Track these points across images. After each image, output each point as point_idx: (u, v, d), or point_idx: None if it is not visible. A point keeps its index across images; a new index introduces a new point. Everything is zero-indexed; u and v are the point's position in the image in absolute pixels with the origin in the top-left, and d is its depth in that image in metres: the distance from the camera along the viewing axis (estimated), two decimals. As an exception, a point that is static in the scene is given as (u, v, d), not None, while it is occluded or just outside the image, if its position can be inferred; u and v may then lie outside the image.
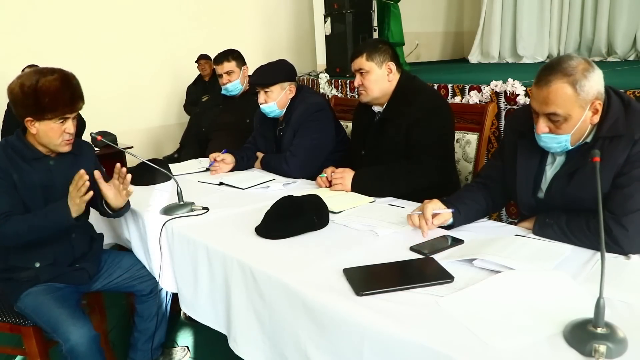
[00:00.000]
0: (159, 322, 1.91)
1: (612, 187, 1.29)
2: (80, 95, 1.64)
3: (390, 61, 1.97)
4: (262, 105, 2.27)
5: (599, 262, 1.05)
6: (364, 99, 2.01)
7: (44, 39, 4.31)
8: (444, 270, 1.18)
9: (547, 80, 1.27)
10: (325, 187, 1.97)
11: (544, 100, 1.28)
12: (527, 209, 1.50)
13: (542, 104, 1.29)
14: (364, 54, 1.96)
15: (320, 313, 1.11)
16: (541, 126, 1.32)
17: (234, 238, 1.51)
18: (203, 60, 4.94)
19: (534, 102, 1.33)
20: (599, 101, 1.28)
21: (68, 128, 1.61)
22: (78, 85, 1.64)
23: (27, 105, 1.56)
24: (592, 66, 1.28)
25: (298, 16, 6.00)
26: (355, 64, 1.99)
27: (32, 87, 1.54)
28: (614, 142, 1.29)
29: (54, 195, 1.63)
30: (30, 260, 1.66)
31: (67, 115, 1.61)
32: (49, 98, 1.55)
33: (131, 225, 1.90)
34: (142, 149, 4.53)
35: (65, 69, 1.64)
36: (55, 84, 1.56)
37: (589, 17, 5.15)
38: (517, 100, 2.77)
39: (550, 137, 1.33)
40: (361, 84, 1.98)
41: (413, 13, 5.74)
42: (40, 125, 1.59)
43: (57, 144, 1.63)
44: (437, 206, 1.46)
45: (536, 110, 1.33)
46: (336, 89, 4.26)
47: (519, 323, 0.94)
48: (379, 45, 2.00)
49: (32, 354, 1.69)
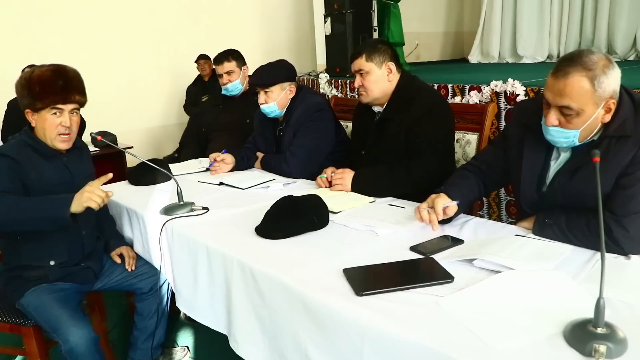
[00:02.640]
0: (158, 320, 1.91)
1: (615, 188, 1.28)
2: (75, 88, 1.63)
3: (390, 61, 1.97)
4: (262, 105, 2.27)
5: (599, 262, 1.05)
6: (365, 99, 2.01)
7: (44, 39, 4.30)
8: (444, 270, 1.18)
9: (565, 71, 1.23)
10: (325, 187, 1.97)
11: (560, 92, 1.24)
12: (528, 205, 1.48)
13: (557, 96, 1.25)
14: (364, 54, 1.96)
15: (320, 313, 1.11)
16: (551, 118, 1.28)
17: (234, 238, 1.51)
18: (202, 60, 4.94)
19: (548, 92, 1.28)
20: (613, 100, 1.26)
21: (64, 121, 1.61)
22: (75, 79, 1.64)
23: (23, 96, 1.61)
24: (613, 64, 1.25)
25: (298, 16, 6.01)
26: (355, 65, 1.99)
27: (27, 77, 1.60)
28: (620, 142, 1.27)
29: (74, 189, 1.62)
30: (45, 259, 1.66)
31: (59, 105, 1.60)
32: (39, 86, 1.58)
33: (132, 224, 1.90)
34: (142, 149, 4.53)
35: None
36: (47, 74, 1.60)
37: (589, 17, 5.15)
38: (517, 100, 2.77)
39: (559, 131, 1.30)
40: (361, 85, 1.98)
41: (413, 13, 5.74)
42: (38, 117, 1.62)
43: (53, 138, 1.63)
44: (445, 200, 1.46)
45: (549, 101, 1.28)
46: (336, 89, 4.26)
47: (519, 323, 0.94)
48: (379, 45, 1.99)
49: (32, 354, 1.69)
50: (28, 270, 1.66)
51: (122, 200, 1.97)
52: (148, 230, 1.77)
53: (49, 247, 1.67)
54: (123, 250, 1.88)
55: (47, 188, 1.61)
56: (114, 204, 2.00)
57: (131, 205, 1.90)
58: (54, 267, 1.67)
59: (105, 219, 1.94)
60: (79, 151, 1.79)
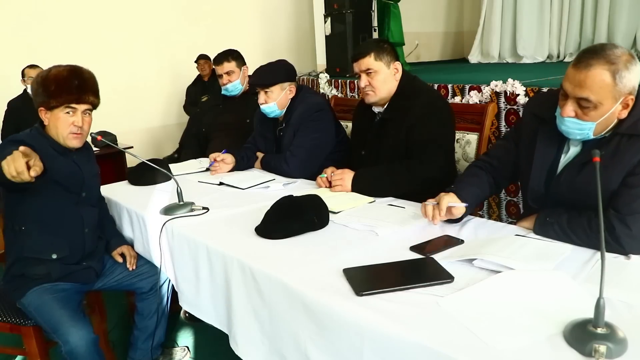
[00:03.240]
0: (159, 320, 1.91)
1: (621, 186, 1.28)
2: (90, 89, 1.67)
3: (397, 61, 1.96)
4: (262, 105, 2.26)
5: (599, 262, 1.05)
6: (371, 99, 1.98)
7: (44, 39, 4.31)
8: (444, 270, 1.18)
9: (587, 63, 1.22)
10: (325, 188, 1.97)
11: (580, 83, 1.24)
12: (534, 198, 1.48)
13: (576, 87, 1.25)
14: (372, 53, 1.93)
15: (320, 313, 1.11)
16: (568, 109, 1.28)
17: (234, 238, 1.51)
18: (202, 61, 4.94)
19: (568, 83, 1.27)
20: (632, 97, 1.26)
21: (77, 121, 1.64)
22: (90, 80, 1.68)
23: (38, 94, 1.63)
24: (635, 59, 1.25)
25: (298, 16, 6.00)
26: (361, 64, 1.95)
27: (44, 75, 1.63)
28: (631, 140, 1.27)
29: (83, 185, 1.72)
30: (47, 252, 1.67)
31: (73, 104, 1.63)
32: (55, 85, 1.60)
33: (132, 224, 1.91)
34: (142, 149, 4.53)
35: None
36: (63, 73, 1.63)
37: (589, 17, 5.14)
38: (517, 100, 2.78)
39: (575, 122, 1.29)
40: (368, 84, 1.95)
41: (413, 13, 5.73)
42: (51, 115, 1.64)
43: (65, 136, 1.65)
44: (453, 200, 1.46)
45: (568, 91, 1.28)
46: (336, 89, 4.26)
47: (519, 323, 0.94)
48: (384, 45, 1.98)
49: (32, 354, 1.69)
50: (30, 266, 1.66)
51: (122, 200, 1.97)
52: (148, 230, 1.77)
53: (50, 240, 1.68)
54: (124, 249, 1.89)
55: (57, 178, 1.63)
56: (114, 204, 2.00)
57: (131, 205, 1.90)
58: (55, 263, 1.67)
59: (105, 218, 1.94)
60: (87, 151, 1.83)
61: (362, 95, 2.04)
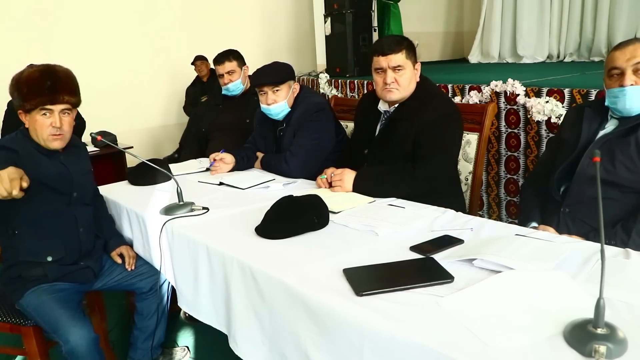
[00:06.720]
0: (158, 320, 1.91)
1: None
2: (64, 88, 1.60)
3: (418, 62, 1.94)
4: (271, 105, 2.22)
5: (599, 262, 1.04)
6: (394, 97, 1.91)
7: (44, 39, 4.30)
8: (444, 270, 1.18)
9: (628, 42, 1.49)
10: (325, 188, 1.96)
11: (631, 53, 1.47)
12: (559, 178, 1.64)
13: (630, 58, 1.47)
14: (404, 50, 1.88)
15: (320, 313, 1.11)
16: (628, 79, 1.47)
17: (234, 238, 1.51)
18: (199, 62, 4.92)
19: (618, 60, 1.49)
20: None
21: (54, 122, 1.59)
22: (64, 79, 1.61)
23: (14, 97, 1.60)
24: None
25: (298, 16, 6.00)
26: (391, 60, 1.87)
27: (17, 78, 1.58)
28: None
29: (73, 185, 1.70)
30: (42, 254, 1.66)
31: (47, 105, 1.58)
32: (27, 87, 1.56)
33: (132, 224, 1.90)
34: (142, 149, 4.53)
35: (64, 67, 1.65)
36: (35, 74, 1.57)
37: (589, 17, 5.14)
38: (517, 100, 2.78)
39: (637, 89, 1.46)
40: (394, 82, 1.89)
41: (413, 13, 5.73)
42: (30, 118, 1.61)
43: (45, 138, 1.62)
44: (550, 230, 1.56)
45: (621, 65, 1.49)
46: (336, 89, 4.26)
47: (519, 323, 0.94)
48: (412, 43, 1.93)
49: (32, 354, 1.69)
50: (27, 269, 1.65)
51: (122, 200, 1.97)
52: (148, 230, 1.77)
53: (45, 243, 1.67)
54: (123, 249, 1.88)
55: (46, 181, 1.61)
56: (114, 204, 2.00)
57: (131, 205, 1.90)
58: (52, 265, 1.67)
59: (104, 218, 1.94)
60: (77, 149, 1.80)
61: (383, 92, 1.93)
